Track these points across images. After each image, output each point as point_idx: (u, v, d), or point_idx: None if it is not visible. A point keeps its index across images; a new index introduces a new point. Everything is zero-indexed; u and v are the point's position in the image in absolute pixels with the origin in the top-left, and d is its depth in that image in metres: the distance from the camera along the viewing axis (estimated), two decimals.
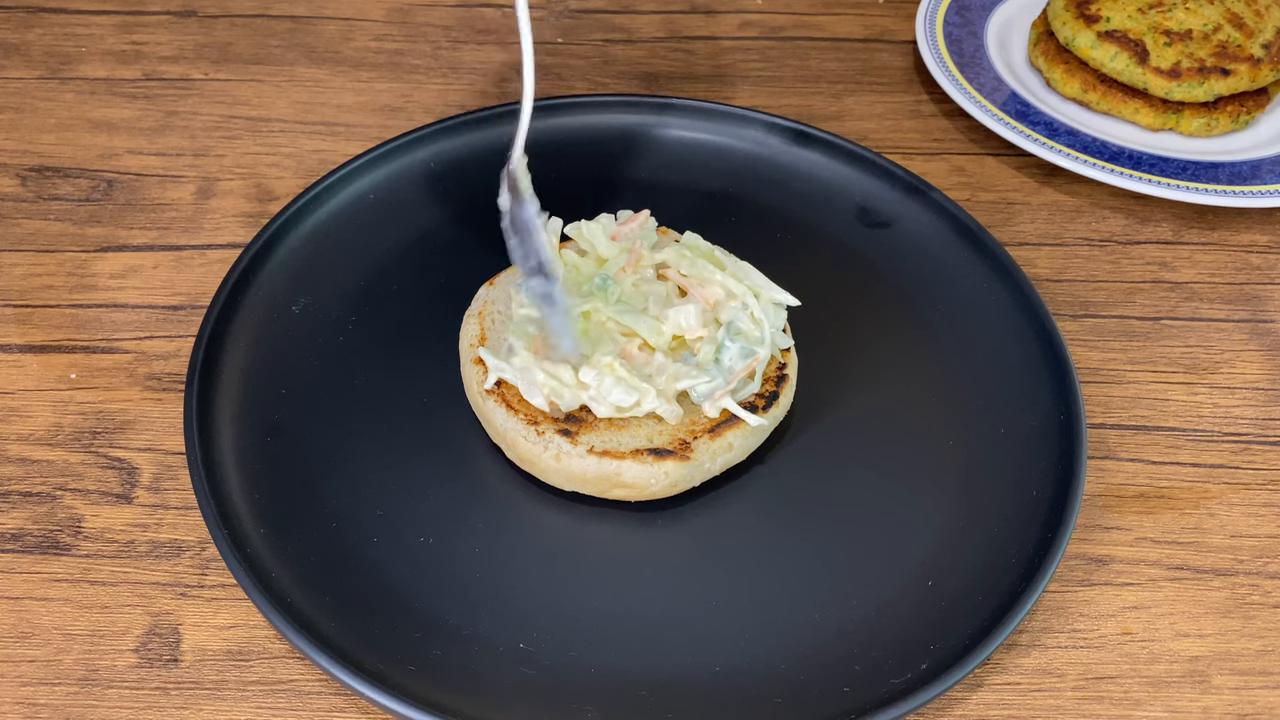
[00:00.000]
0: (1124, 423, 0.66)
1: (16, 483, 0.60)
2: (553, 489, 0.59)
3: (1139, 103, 0.78)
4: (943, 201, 0.72)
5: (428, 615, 0.55)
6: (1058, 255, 0.74)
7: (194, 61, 0.83)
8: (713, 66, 0.86)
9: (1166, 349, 0.70)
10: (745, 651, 0.55)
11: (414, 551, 0.57)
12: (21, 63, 0.82)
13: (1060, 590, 0.59)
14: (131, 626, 0.55)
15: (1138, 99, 0.78)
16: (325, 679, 0.54)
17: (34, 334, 0.66)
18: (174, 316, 0.67)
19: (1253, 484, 0.64)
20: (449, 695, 0.51)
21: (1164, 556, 0.60)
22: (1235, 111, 0.77)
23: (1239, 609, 0.59)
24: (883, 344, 0.67)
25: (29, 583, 0.57)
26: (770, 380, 0.61)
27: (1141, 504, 0.62)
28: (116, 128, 0.78)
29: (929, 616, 0.55)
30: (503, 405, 0.59)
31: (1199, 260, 0.75)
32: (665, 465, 0.57)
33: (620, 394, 0.57)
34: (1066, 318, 0.71)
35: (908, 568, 0.58)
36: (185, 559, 0.58)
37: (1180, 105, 0.76)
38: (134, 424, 0.63)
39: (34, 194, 0.74)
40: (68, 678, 0.54)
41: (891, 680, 0.52)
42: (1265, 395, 0.68)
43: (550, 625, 0.55)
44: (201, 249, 0.71)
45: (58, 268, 0.70)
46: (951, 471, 0.61)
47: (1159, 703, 0.55)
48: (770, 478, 0.61)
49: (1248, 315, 0.72)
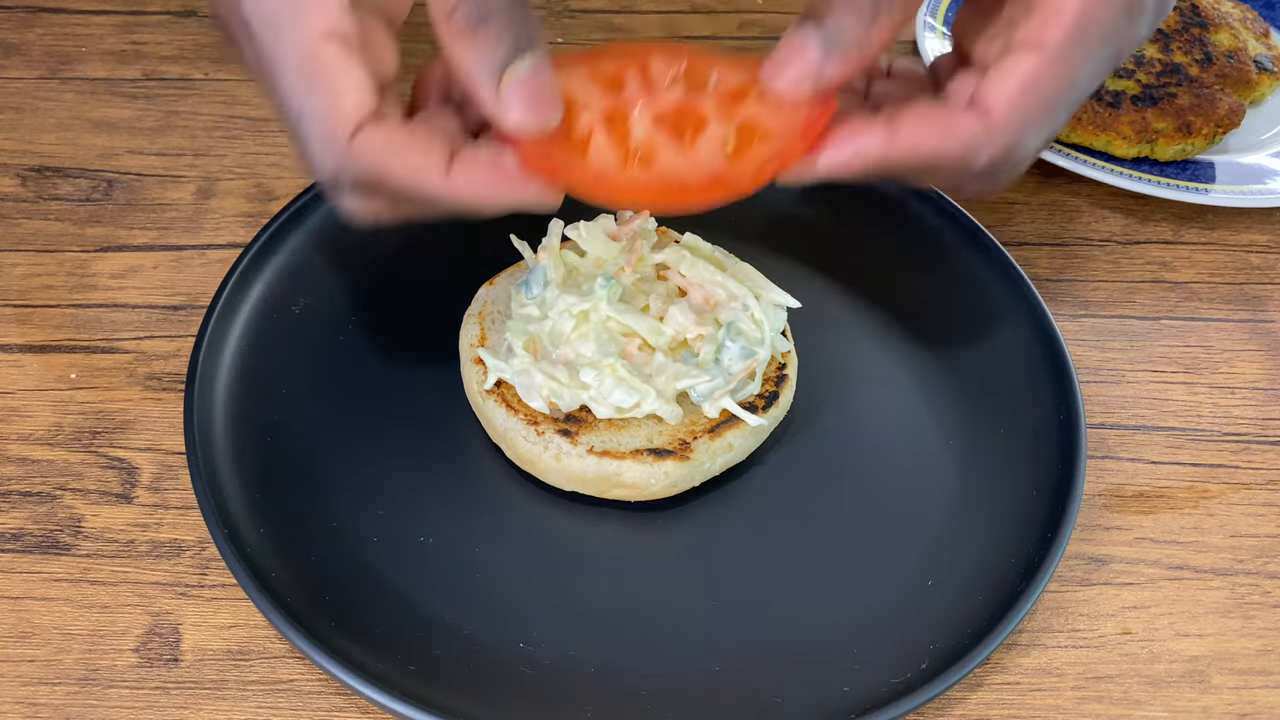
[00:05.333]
0: (1124, 423, 0.66)
1: (16, 483, 0.60)
2: (553, 489, 0.59)
3: (1111, 134, 0.77)
4: (942, 201, 0.72)
5: (428, 615, 0.55)
6: (1057, 255, 0.74)
7: (194, 61, 0.83)
8: None
9: (1166, 349, 0.70)
10: (745, 651, 0.55)
11: (414, 551, 0.57)
12: (21, 63, 0.82)
13: (1060, 590, 0.59)
14: (131, 626, 0.55)
15: (1109, 131, 0.77)
16: (325, 679, 0.54)
17: (34, 334, 0.66)
18: (174, 316, 0.68)
19: (1253, 484, 0.64)
20: (449, 695, 0.51)
21: (1164, 556, 0.60)
22: (1211, 133, 0.76)
23: (1239, 609, 0.59)
24: (882, 344, 0.67)
25: (29, 583, 0.57)
26: (770, 380, 0.61)
27: (1141, 504, 0.63)
28: (116, 128, 0.78)
29: (929, 616, 0.55)
30: (503, 405, 0.59)
31: (1199, 260, 0.75)
32: (665, 465, 0.57)
33: (621, 394, 0.57)
34: (1066, 318, 0.71)
35: (908, 568, 0.58)
36: (185, 559, 0.58)
37: (1155, 133, 0.76)
38: (134, 424, 0.63)
39: (34, 194, 0.74)
40: (68, 678, 0.54)
41: (891, 680, 0.52)
42: (1265, 395, 0.68)
43: (550, 625, 0.55)
44: (201, 249, 0.71)
45: (58, 268, 0.70)
46: (951, 471, 0.61)
47: (1159, 702, 0.55)
48: (770, 478, 0.61)
49: (1248, 315, 0.72)
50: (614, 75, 0.53)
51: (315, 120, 0.46)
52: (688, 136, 0.51)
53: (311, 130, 0.47)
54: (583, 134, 0.51)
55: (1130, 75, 0.78)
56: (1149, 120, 0.76)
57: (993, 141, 0.50)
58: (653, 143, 0.51)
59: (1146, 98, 0.77)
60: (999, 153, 0.50)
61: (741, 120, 0.51)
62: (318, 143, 0.47)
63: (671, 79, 0.53)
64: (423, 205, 0.49)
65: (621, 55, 0.54)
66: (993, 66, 0.50)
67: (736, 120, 0.51)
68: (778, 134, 0.50)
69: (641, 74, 0.54)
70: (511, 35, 0.47)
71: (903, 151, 0.50)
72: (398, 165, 0.47)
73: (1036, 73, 0.49)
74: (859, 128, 0.50)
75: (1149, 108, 0.76)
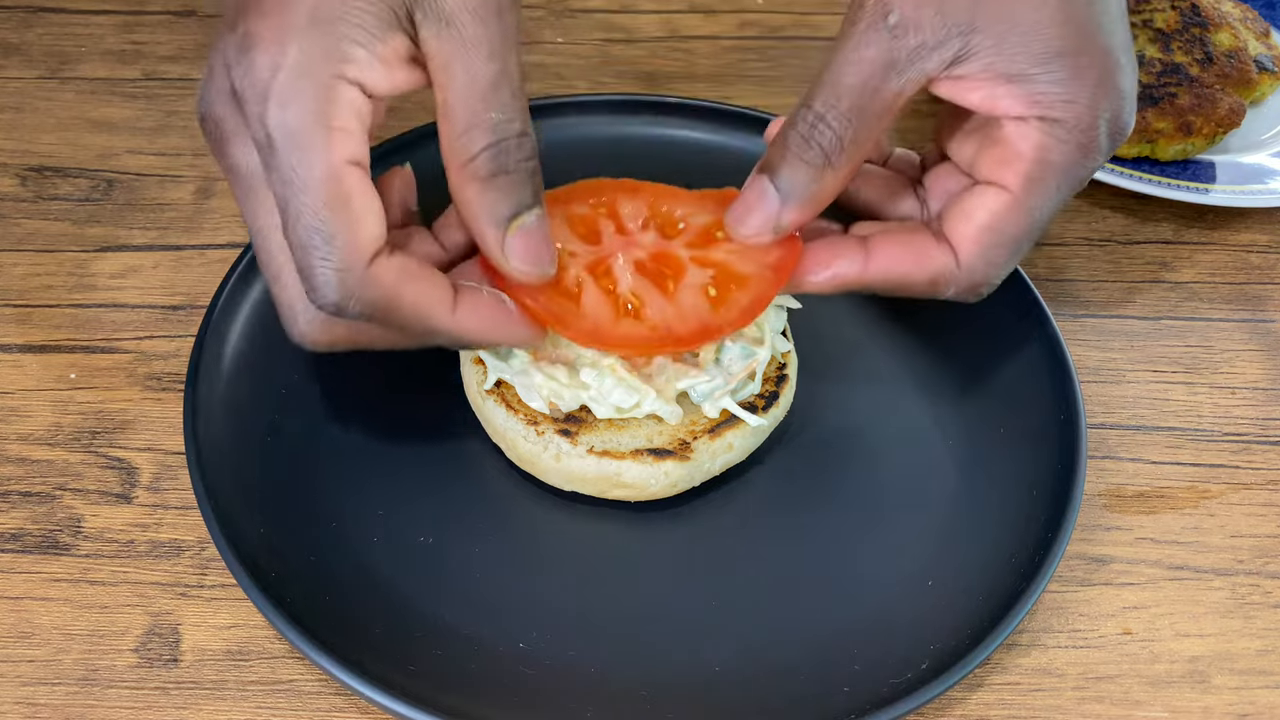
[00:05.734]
0: (1124, 423, 0.66)
1: (16, 483, 0.60)
2: (553, 489, 0.59)
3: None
4: None
5: (428, 615, 0.55)
6: (1057, 255, 0.74)
7: (194, 61, 0.83)
8: (713, 66, 0.86)
9: (1166, 349, 0.70)
10: (745, 651, 0.55)
11: (414, 551, 0.57)
12: (21, 63, 0.82)
13: (1060, 590, 0.59)
14: (131, 626, 0.55)
15: None
16: (325, 679, 0.54)
17: (34, 334, 0.66)
18: (174, 316, 0.67)
19: (1253, 484, 0.64)
20: (449, 695, 0.51)
21: (1164, 556, 0.60)
22: (1211, 133, 0.76)
23: (1239, 609, 0.59)
24: (882, 344, 0.67)
25: (29, 583, 0.57)
26: (770, 380, 0.61)
27: (1141, 504, 0.63)
28: (116, 128, 0.78)
29: (929, 616, 0.55)
30: (503, 405, 0.59)
31: (1199, 260, 0.75)
32: (665, 465, 0.57)
33: (621, 394, 0.57)
34: (1066, 318, 0.71)
35: (908, 568, 0.58)
36: (185, 559, 0.58)
37: (1156, 133, 0.76)
38: (134, 424, 0.63)
39: (34, 194, 0.74)
40: (68, 678, 0.54)
41: (891, 680, 0.52)
42: (1265, 395, 0.68)
43: (550, 625, 0.55)
44: (201, 249, 0.71)
45: (58, 268, 0.70)
46: (951, 471, 0.61)
47: (1159, 703, 0.55)
48: (770, 478, 0.61)
49: (1248, 315, 0.72)
50: (588, 221, 0.58)
51: (335, 244, 0.47)
52: (670, 285, 0.56)
53: (329, 253, 0.47)
54: (572, 285, 0.55)
55: None
56: (1149, 120, 0.76)
57: (959, 278, 0.55)
58: (640, 294, 0.56)
59: (1147, 98, 0.77)
60: (965, 285, 0.55)
61: (717, 265, 0.56)
62: (334, 267, 0.47)
63: (642, 223, 0.59)
64: (423, 336, 0.52)
65: (589, 195, 0.60)
66: (960, 202, 0.55)
67: (711, 264, 0.56)
68: (753, 278, 0.55)
69: (612, 218, 0.59)
70: (522, 190, 0.50)
71: (876, 277, 0.55)
72: (409, 296, 0.49)
73: (999, 215, 0.54)
74: (839, 252, 0.56)
75: (1149, 108, 0.76)
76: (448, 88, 0.49)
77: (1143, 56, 0.79)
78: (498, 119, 0.49)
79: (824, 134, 0.52)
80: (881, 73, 0.51)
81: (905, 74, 0.51)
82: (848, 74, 0.52)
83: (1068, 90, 0.51)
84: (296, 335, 0.53)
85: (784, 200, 0.54)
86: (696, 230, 0.58)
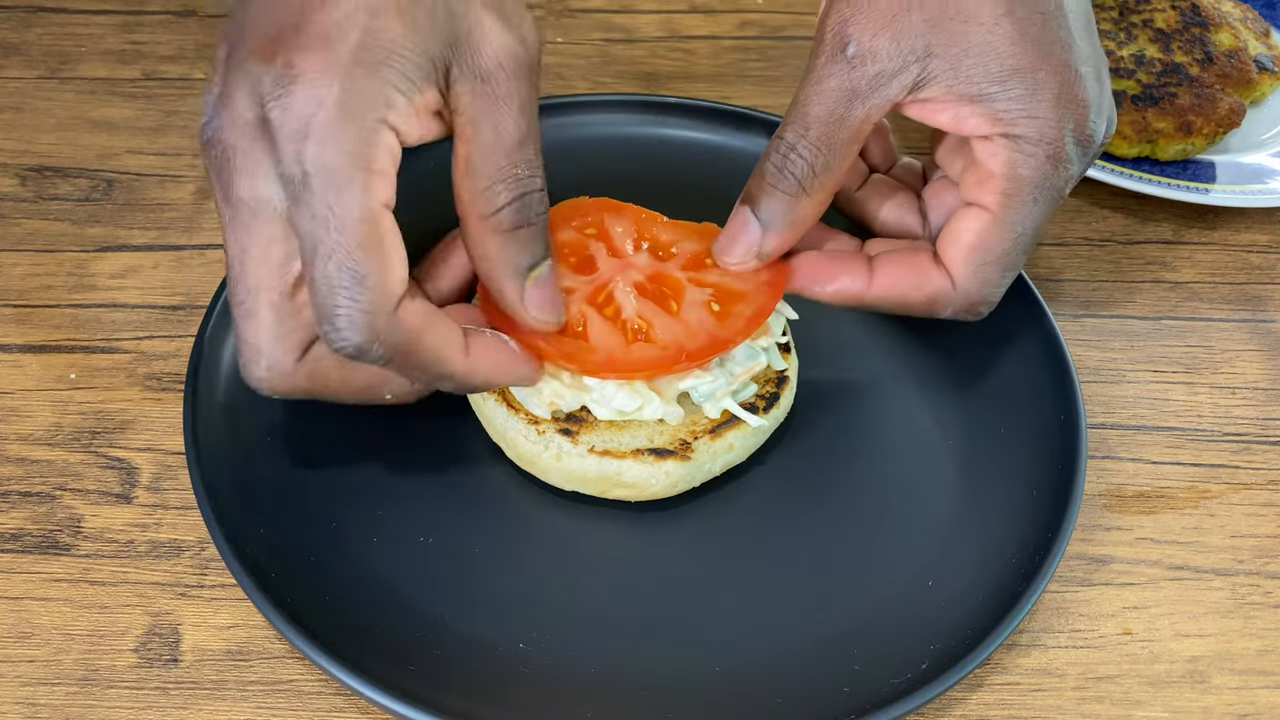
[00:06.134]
0: (1124, 423, 0.66)
1: (16, 483, 0.60)
2: (553, 489, 0.59)
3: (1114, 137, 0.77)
4: None
5: (428, 615, 0.55)
6: (1058, 255, 0.74)
7: (194, 61, 0.83)
8: (713, 66, 0.86)
9: (1166, 349, 0.70)
10: (745, 651, 0.55)
11: (414, 551, 0.57)
12: (21, 63, 0.82)
13: (1060, 590, 0.59)
14: (131, 626, 0.55)
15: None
16: (325, 679, 0.54)
17: (34, 334, 0.66)
18: (174, 316, 0.67)
19: (1253, 484, 0.64)
20: (449, 695, 0.51)
21: (1164, 556, 0.60)
22: (1212, 132, 0.76)
23: (1239, 609, 0.59)
24: (882, 345, 0.66)
25: (29, 583, 0.57)
26: (771, 381, 0.61)
27: (1141, 504, 0.63)
28: (116, 128, 0.78)
29: (929, 616, 0.55)
30: (503, 405, 0.58)
31: (1199, 260, 0.75)
32: (666, 465, 0.57)
33: (624, 398, 0.57)
34: (1066, 318, 0.71)
35: (908, 568, 0.58)
36: (185, 559, 0.58)
37: (1156, 133, 0.76)
38: (134, 424, 0.63)
39: (34, 194, 0.74)
40: (68, 678, 0.54)
41: (891, 680, 0.52)
42: (1265, 395, 0.68)
43: (550, 625, 0.55)
44: (201, 249, 0.71)
45: (57, 268, 0.70)
46: (951, 472, 0.61)
47: (1159, 703, 0.55)
48: (771, 478, 0.61)
49: (1248, 315, 0.72)
50: (577, 248, 0.59)
51: (366, 285, 0.47)
52: (673, 304, 0.57)
53: (359, 294, 0.47)
54: (576, 321, 0.56)
55: (1130, 75, 0.78)
56: (1149, 120, 0.76)
57: (955, 299, 0.58)
58: (646, 316, 0.57)
59: (1147, 97, 0.77)
60: (962, 305, 0.58)
61: (713, 285, 0.58)
62: (362, 309, 0.48)
63: (634, 245, 0.60)
64: (434, 381, 0.53)
65: (573, 218, 0.61)
66: (950, 225, 0.57)
67: (708, 284, 0.58)
68: (752, 292, 0.58)
69: (603, 240, 0.60)
70: (538, 242, 0.52)
71: (877, 295, 0.58)
72: (429, 340, 0.50)
73: (983, 235, 0.56)
74: (847, 268, 0.58)
75: (1149, 107, 0.76)
76: (473, 141, 0.50)
77: (1143, 56, 0.79)
78: (522, 174, 0.51)
79: (796, 163, 0.55)
80: (845, 102, 0.53)
81: (868, 102, 0.53)
82: (814, 105, 0.54)
83: (1027, 106, 0.53)
84: (255, 379, 0.52)
85: (765, 229, 0.56)
86: (688, 255, 0.60)
